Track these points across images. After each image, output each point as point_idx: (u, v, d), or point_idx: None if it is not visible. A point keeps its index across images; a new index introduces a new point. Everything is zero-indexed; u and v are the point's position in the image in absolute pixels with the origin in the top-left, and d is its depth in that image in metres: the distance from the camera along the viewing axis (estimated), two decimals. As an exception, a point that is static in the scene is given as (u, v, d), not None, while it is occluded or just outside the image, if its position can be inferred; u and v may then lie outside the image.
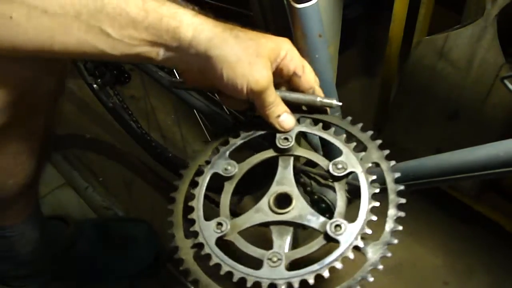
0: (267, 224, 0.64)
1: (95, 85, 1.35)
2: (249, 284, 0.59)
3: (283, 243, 0.62)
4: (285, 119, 0.69)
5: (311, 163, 0.84)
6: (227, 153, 0.70)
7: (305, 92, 0.71)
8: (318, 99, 0.70)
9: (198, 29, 0.62)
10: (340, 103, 0.71)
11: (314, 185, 0.91)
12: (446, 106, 1.20)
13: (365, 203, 0.62)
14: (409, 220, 0.62)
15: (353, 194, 0.80)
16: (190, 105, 1.06)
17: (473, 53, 1.09)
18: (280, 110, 0.69)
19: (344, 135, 0.70)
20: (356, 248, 0.59)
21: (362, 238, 0.60)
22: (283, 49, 0.67)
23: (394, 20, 1.22)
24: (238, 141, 0.71)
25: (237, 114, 0.96)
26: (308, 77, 0.70)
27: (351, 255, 0.59)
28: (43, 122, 0.88)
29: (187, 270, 0.62)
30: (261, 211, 0.65)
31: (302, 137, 0.92)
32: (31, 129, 0.86)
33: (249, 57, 0.64)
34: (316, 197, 0.90)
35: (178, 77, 1.09)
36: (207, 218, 0.65)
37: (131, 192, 1.51)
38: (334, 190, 0.88)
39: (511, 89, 0.82)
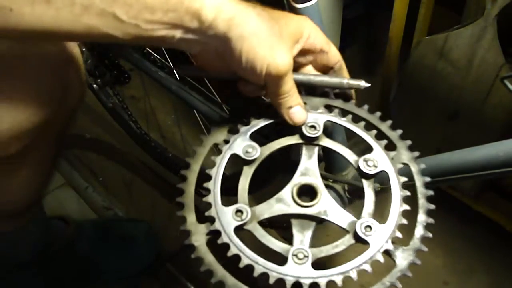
0: (288, 217, 0.60)
1: (95, 85, 1.35)
2: (271, 280, 0.55)
3: (304, 238, 0.59)
4: (297, 111, 0.65)
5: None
6: (248, 134, 0.65)
7: (333, 68, 0.68)
8: (346, 80, 0.67)
9: (220, 8, 0.58)
10: (369, 84, 0.67)
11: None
12: (446, 106, 1.20)
13: (396, 206, 0.59)
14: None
15: (354, 194, 0.79)
16: (190, 105, 1.05)
17: (473, 53, 1.09)
18: (294, 101, 0.65)
19: (375, 131, 0.66)
20: (386, 252, 0.56)
21: (392, 242, 0.57)
22: (306, 29, 0.64)
23: (394, 20, 1.22)
24: (261, 123, 0.66)
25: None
26: (334, 52, 0.68)
27: (381, 258, 0.56)
28: (55, 144, 0.87)
29: (199, 259, 0.57)
30: (283, 202, 0.60)
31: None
32: (45, 152, 0.85)
33: (271, 39, 0.60)
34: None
35: (177, 71, 1.09)
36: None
37: (131, 192, 1.51)
38: (334, 190, 0.88)
39: (511, 89, 0.82)
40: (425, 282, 1.25)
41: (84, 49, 1.28)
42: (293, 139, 0.66)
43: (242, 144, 0.64)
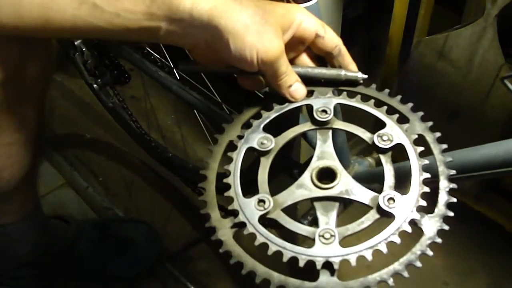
0: (311, 201, 0.61)
1: (95, 85, 1.35)
2: (301, 263, 0.55)
3: (329, 219, 0.59)
4: (297, 88, 0.66)
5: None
6: (261, 126, 0.66)
7: (332, 53, 0.68)
8: (343, 72, 0.68)
9: None
10: (366, 76, 0.69)
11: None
12: (446, 106, 1.20)
13: (416, 175, 0.60)
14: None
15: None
16: (190, 105, 1.05)
17: (473, 53, 1.09)
18: (292, 80, 0.66)
19: (385, 107, 0.67)
20: (412, 222, 0.57)
21: (417, 211, 0.57)
22: (297, 15, 0.64)
23: (394, 20, 1.22)
24: (272, 114, 0.67)
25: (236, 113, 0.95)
26: (331, 35, 0.67)
27: (408, 228, 0.56)
28: (33, 113, 0.88)
29: (228, 253, 0.57)
30: (304, 187, 0.61)
31: (302, 137, 0.91)
32: (21, 119, 0.86)
33: (256, 25, 0.60)
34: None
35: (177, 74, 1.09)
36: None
37: (131, 192, 1.51)
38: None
39: (511, 89, 0.83)
40: (425, 282, 1.25)
41: (84, 49, 1.28)
42: (306, 126, 0.67)
43: (256, 137, 0.64)
